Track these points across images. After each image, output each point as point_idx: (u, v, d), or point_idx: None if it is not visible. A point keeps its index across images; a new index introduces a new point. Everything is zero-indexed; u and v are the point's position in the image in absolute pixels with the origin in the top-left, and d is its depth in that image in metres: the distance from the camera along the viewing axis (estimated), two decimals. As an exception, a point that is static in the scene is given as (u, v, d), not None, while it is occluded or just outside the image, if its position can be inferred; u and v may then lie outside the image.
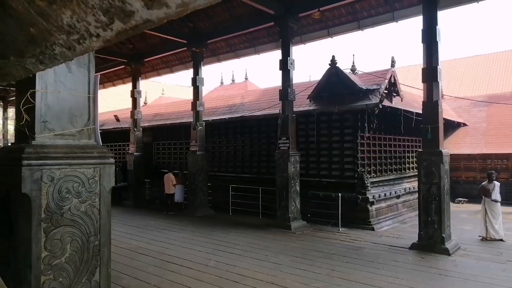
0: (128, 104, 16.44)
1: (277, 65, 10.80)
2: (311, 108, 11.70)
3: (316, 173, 11.82)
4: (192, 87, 13.31)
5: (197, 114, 13.04)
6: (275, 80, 11.05)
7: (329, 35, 11.81)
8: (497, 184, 9.31)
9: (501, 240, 8.92)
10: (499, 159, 15.34)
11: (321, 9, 9.92)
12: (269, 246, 8.55)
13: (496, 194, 9.17)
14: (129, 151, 15.85)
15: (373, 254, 7.80)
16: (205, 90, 18.48)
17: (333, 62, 11.22)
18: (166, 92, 30.00)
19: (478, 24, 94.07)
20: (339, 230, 10.12)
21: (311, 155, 11.97)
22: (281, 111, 10.86)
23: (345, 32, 11.81)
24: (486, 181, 9.42)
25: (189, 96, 13.57)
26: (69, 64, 2.79)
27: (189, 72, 13.89)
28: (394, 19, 10.48)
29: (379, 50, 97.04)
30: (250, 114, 13.04)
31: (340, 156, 11.39)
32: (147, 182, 15.97)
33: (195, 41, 12.92)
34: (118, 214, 12.65)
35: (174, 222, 11.55)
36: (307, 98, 11.90)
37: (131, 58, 15.40)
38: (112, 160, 3.03)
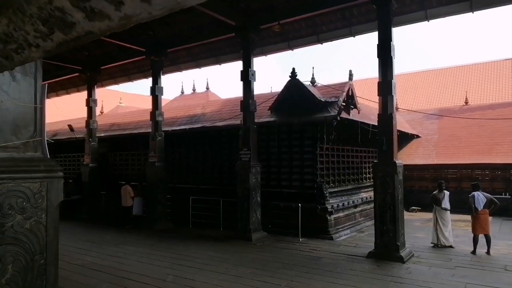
0: (84, 113, 15.83)
1: (239, 75, 10.83)
2: (272, 119, 11.80)
3: (277, 184, 11.88)
4: (151, 96, 13.04)
5: (156, 124, 12.77)
6: (238, 90, 11.08)
7: (290, 47, 12.03)
8: (446, 193, 9.78)
9: (451, 246, 9.36)
10: (449, 169, 16.17)
11: (281, 22, 10.11)
12: (230, 258, 8.45)
13: (446, 203, 9.64)
14: (84, 162, 15.20)
15: (331, 263, 7.92)
16: (165, 100, 18.19)
17: (293, 74, 11.42)
18: (124, 101, 29.23)
19: (431, 40, 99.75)
20: (299, 240, 10.20)
21: (272, 166, 12.04)
22: (242, 122, 10.88)
23: (305, 45, 12.09)
24: (437, 191, 9.88)
25: (148, 105, 13.29)
26: (13, 72, 2.63)
27: (148, 81, 13.63)
28: (351, 33, 10.86)
29: (338, 63, 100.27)
30: (211, 125, 12.94)
31: (300, 167, 11.53)
32: (103, 194, 15.35)
33: (155, 50, 12.71)
34: (71, 228, 12.04)
35: (132, 236, 11.15)
36: (268, 110, 12.00)
37: (86, 65, 14.87)
38: (61, 174, 2.88)
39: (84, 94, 16.13)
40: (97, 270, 7.53)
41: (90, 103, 15.17)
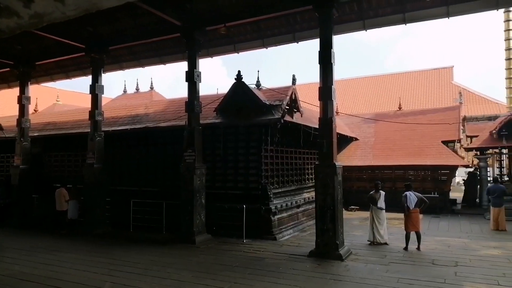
0: (16, 111, 14.68)
1: (185, 76, 10.68)
2: (217, 121, 11.77)
3: (222, 186, 11.86)
4: (91, 95, 12.43)
5: (95, 123, 12.19)
6: (184, 91, 10.92)
7: (235, 50, 12.11)
8: (382, 193, 10.38)
9: (386, 243, 9.94)
10: (385, 170, 17.15)
11: (227, 24, 10.13)
12: (172, 262, 8.29)
13: (382, 202, 10.22)
14: (14, 164, 14.10)
15: (274, 264, 8.06)
16: (106, 99, 17.42)
17: (238, 77, 11.48)
18: (62, 99, 27.54)
19: (370, 49, 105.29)
20: (243, 241, 10.26)
21: (217, 167, 12.00)
22: (187, 123, 10.74)
23: (251, 48, 12.25)
24: (374, 191, 10.44)
25: (88, 104, 12.65)
26: None
27: (88, 79, 12.97)
28: (295, 39, 11.18)
29: (283, 67, 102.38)
30: (155, 125, 12.62)
31: (245, 168, 11.61)
32: (35, 198, 14.33)
33: (95, 46, 12.16)
34: (-3, 235, 11.11)
35: (67, 242, 10.54)
36: (214, 111, 11.95)
37: (19, 60, 13.83)
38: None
39: (16, 91, 14.96)
40: (27, 280, 7.03)
41: (23, 101, 14.12)
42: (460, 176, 23.89)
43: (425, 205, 9.70)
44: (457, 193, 20.15)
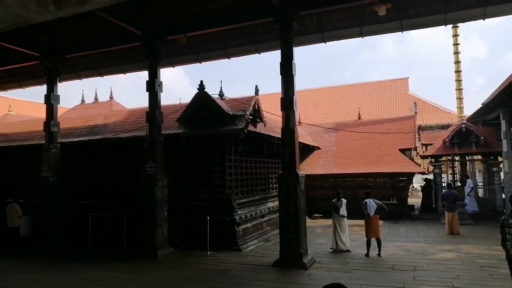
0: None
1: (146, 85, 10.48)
2: (180, 131, 11.60)
3: (185, 197, 11.65)
4: (46, 104, 11.90)
5: (50, 135, 11.66)
6: (145, 100, 10.71)
7: (198, 60, 12.07)
8: (344, 201, 10.60)
9: (348, 250, 10.14)
10: (346, 178, 17.55)
11: (188, 34, 10.08)
12: (134, 278, 8.01)
13: (343, 210, 10.44)
14: (-40, 179, 13.18)
15: (239, 275, 7.99)
16: (62, 108, 16.76)
17: (201, 87, 11.41)
18: (15, 108, 26.18)
19: (331, 60, 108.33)
20: (207, 253, 10.10)
21: (180, 178, 11.78)
22: (148, 134, 10.51)
23: (213, 58, 12.24)
24: (336, 199, 10.65)
25: (43, 114, 12.07)
26: None
27: (43, 88, 12.42)
28: (257, 50, 11.30)
29: (247, 77, 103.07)
30: (114, 136, 12.24)
31: (209, 179, 11.48)
32: (-16, 214, 13.40)
33: (51, 55, 11.70)
34: None
35: (19, 261, 9.93)
36: (176, 121, 11.78)
37: (-35, 68, 13.04)
38: None
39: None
40: (-27, 305, 6.53)
41: (-31, 111, 13.26)
42: (417, 182, 24.95)
43: (384, 211, 10.00)
44: (414, 199, 21.00)
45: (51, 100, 11.82)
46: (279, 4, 8.66)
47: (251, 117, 11.55)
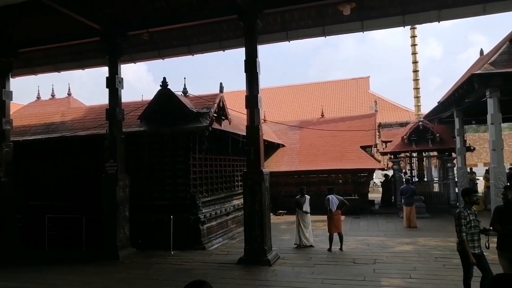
0: None
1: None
2: (142, 129, 11.33)
3: (148, 196, 11.40)
4: (-3, 101, 11.24)
5: (2, 133, 11.03)
6: (106, 97, 10.39)
7: (160, 56, 11.82)
8: (307, 197, 10.78)
9: (311, 246, 10.33)
10: (310, 174, 17.85)
11: (150, 30, 9.84)
12: (94, 281, 7.75)
13: (307, 207, 10.61)
14: None
15: (203, 274, 7.92)
16: (16, 105, 15.92)
17: (164, 83, 11.19)
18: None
19: (296, 58, 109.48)
20: (171, 253, 9.94)
21: (143, 177, 11.51)
22: (108, 132, 10.19)
23: (177, 55, 12.04)
24: (299, 195, 10.81)
25: (-6, 111, 11.39)
26: None
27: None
28: (221, 47, 11.23)
29: (213, 75, 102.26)
30: (73, 134, 11.77)
31: (173, 177, 11.30)
32: None
33: (3, 49, 11.04)
34: None
35: (-32, 267, 9.33)
36: (138, 119, 11.50)
37: None
38: None
39: None
40: None
41: None
42: (378, 178, 25.81)
43: (346, 207, 10.27)
44: (375, 194, 21.71)
45: (3, 97, 11.18)
46: (243, 2, 8.63)
47: (215, 115, 11.47)
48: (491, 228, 5.62)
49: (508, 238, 5.39)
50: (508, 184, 7.07)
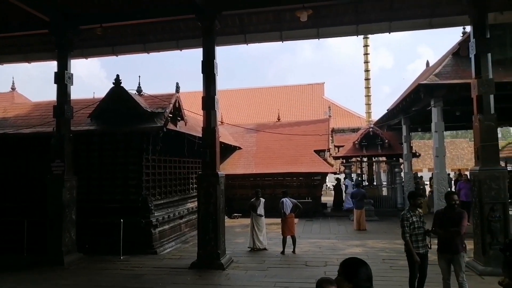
0: None
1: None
2: (92, 127, 10.84)
3: (97, 199, 10.89)
4: None
5: None
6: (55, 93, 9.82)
7: (114, 52, 11.41)
8: (262, 200, 10.83)
9: (265, 249, 10.39)
10: (266, 177, 17.99)
11: (104, 25, 9.45)
12: (34, 288, 7.28)
13: (261, 209, 10.67)
14: None
15: (153, 279, 7.70)
16: (-50, 99, 14.67)
17: (117, 81, 10.80)
18: None
19: (254, 61, 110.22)
20: (120, 258, 9.56)
21: (92, 179, 10.99)
22: (55, 130, 9.65)
23: (131, 52, 11.70)
24: (254, 198, 10.84)
25: None
26: None
27: None
28: (178, 47, 11.03)
29: (169, 74, 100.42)
30: (16, 132, 11.02)
31: (124, 179, 10.88)
32: None
33: None
34: None
35: None
36: (88, 117, 11.00)
37: None
38: None
39: None
40: None
41: None
42: (330, 181, 26.55)
43: (299, 210, 10.43)
44: (328, 198, 22.30)
45: None
46: (201, 2, 8.54)
47: (171, 115, 11.23)
48: (434, 229, 5.95)
49: (447, 241, 5.72)
50: (449, 190, 7.52)
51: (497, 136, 8.46)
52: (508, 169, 16.20)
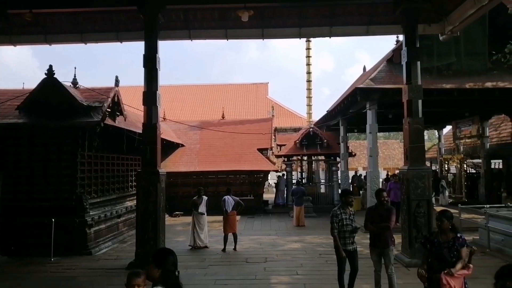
0: None
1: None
2: (21, 121, 10.06)
3: (27, 197, 10.13)
4: None
5: None
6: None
7: (47, 41, 10.64)
8: (205, 198, 10.77)
9: (206, 247, 10.36)
10: (209, 175, 17.86)
11: (34, 11, 8.79)
12: (-51, 296, 6.62)
13: (203, 207, 10.61)
14: None
15: (87, 281, 7.36)
16: None
17: (50, 72, 10.10)
18: None
19: (198, 57, 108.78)
20: (51, 260, 8.99)
21: (21, 176, 10.20)
22: (-23, 123, 8.82)
23: (67, 42, 11.02)
24: (197, 196, 10.75)
25: None
26: None
27: None
28: (118, 39, 10.57)
29: (110, 66, 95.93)
30: None
31: (57, 176, 10.23)
32: None
33: None
34: None
35: None
36: (16, 109, 10.19)
37: None
38: None
39: None
40: None
41: None
42: (272, 179, 27.06)
43: (241, 207, 10.53)
44: (269, 195, 22.72)
45: None
46: (144, -6, 8.28)
47: (109, 110, 10.77)
48: (362, 226, 6.29)
49: (377, 236, 6.10)
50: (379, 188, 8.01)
51: (424, 138, 9.18)
52: (432, 168, 17.66)
